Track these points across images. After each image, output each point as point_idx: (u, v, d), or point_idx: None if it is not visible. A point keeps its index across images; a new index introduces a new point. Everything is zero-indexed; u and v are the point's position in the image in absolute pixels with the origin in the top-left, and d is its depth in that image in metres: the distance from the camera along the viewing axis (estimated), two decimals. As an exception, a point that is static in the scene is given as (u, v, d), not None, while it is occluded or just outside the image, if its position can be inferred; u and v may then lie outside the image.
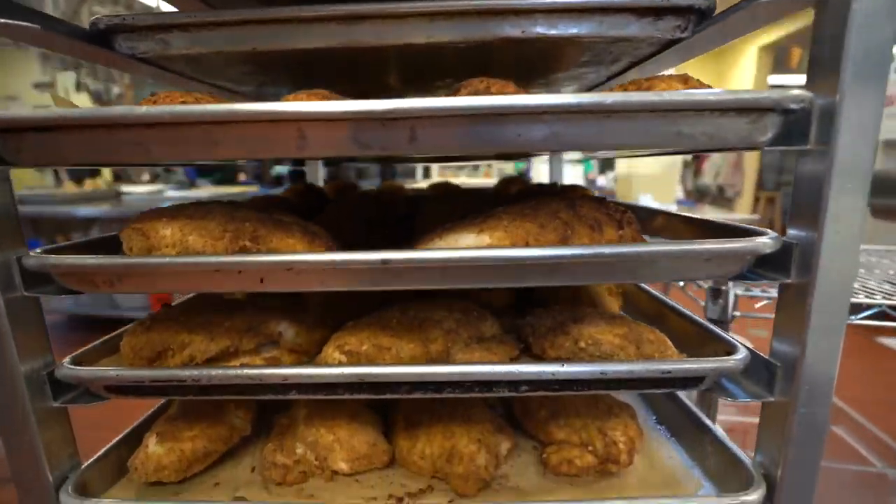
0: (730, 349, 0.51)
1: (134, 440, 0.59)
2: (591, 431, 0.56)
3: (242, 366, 0.51)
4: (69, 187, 3.76)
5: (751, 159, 5.04)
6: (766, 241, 0.44)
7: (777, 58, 5.15)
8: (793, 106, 0.39)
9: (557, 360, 0.52)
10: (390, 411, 0.64)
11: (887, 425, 1.77)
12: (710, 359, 0.47)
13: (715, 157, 5.02)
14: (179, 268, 0.45)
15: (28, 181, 4.30)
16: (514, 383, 0.48)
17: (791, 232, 0.46)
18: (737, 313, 0.91)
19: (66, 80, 4.27)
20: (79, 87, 4.20)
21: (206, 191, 3.57)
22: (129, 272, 0.45)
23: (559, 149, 0.40)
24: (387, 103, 0.38)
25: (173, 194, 3.38)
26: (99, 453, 0.57)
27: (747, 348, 0.50)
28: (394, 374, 0.47)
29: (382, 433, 0.61)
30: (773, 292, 0.93)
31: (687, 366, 0.47)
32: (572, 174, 4.23)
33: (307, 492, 0.55)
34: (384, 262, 0.43)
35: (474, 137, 0.41)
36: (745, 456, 0.53)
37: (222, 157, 0.42)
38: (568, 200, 0.51)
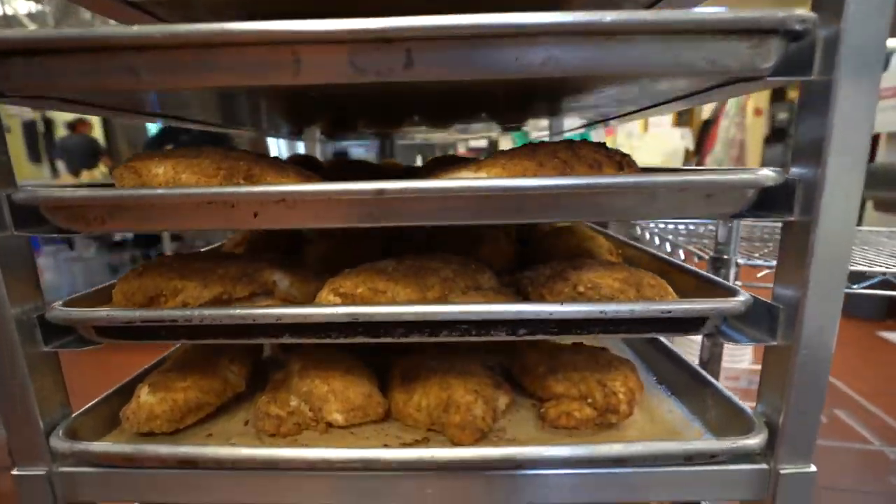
0: (732, 294, 0.50)
1: (126, 393, 0.58)
2: (591, 384, 0.55)
3: (235, 305, 0.50)
4: (65, 178, 3.75)
5: (753, 154, 5.02)
6: (768, 174, 0.43)
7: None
8: (797, 27, 0.38)
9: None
10: (386, 368, 0.64)
11: (888, 409, 1.78)
12: (712, 299, 0.47)
13: (717, 151, 5.01)
14: (171, 199, 0.44)
15: (26, 175, 4.30)
16: (512, 325, 0.47)
17: (794, 170, 0.45)
18: (738, 283, 0.90)
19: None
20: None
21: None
22: (120, 205, 0.45)
23: (557, 73, 0.39)
24: (383, 21, 0.37)
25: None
26: (90, 404, 0.56)
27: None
28: (389, 313, 0.46)
29: (378, 389, 0.60)
30: (774, 261, 0.92)
31: (688, 306, 0.46)
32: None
33: (301, 444, 0.54)
34: (380, 192, 0.42)
35: (471, 62, 0.40)
36: (747, 407, 0.52)
37: (214, 83, 0.41)
38: (567, 143, 0.50)
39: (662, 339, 0.72)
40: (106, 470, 0.51)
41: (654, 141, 5.11)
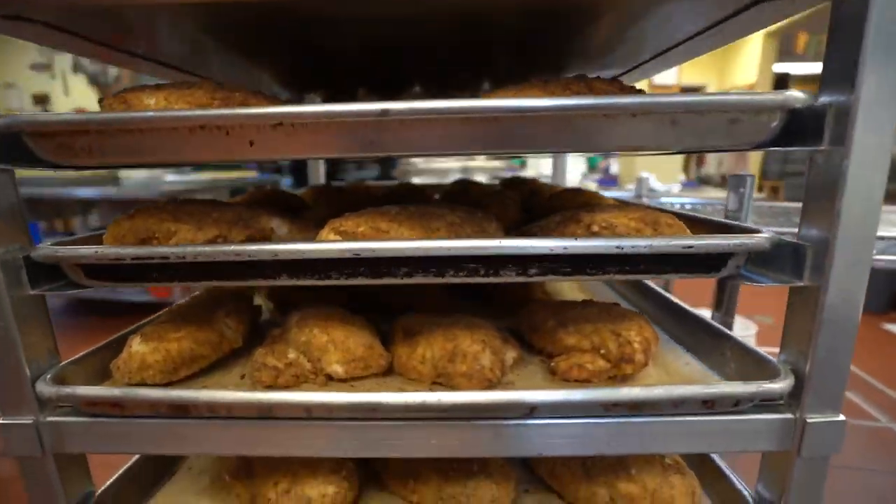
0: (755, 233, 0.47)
1: (117, 348, 0.55)
2: (604, 334, 0.53)
3: (227, 242, 0.47)
4: (68, 171, 3.73)
5: (754, 155, 4.99)
6: (797, 96, 0.40)
7: (782, 44, 5.10)
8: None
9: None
10: (388, 331, 0.61)
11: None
12: (736, 235, 0.44)
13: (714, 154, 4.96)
14: (160, 123, 0.41)
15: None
16: (522, 263, 0.45)
17: (823, 98, 0.43)
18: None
19: (63, 61, 4.23)
20: (76, 68, 4.17)
21: (207, 174, 3.54)
22: (108, 130, 0.42)
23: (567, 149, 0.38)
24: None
25: (172, 178, 3.35)
26: (79, 355, 0.53)
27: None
28: (393, 249, 0.43)
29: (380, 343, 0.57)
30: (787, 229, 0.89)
31: (711, 241, 0.43)
32: (573, 164, 4.20)
33: (300, 396, 0.52)
34: (383, 112, 0.39)
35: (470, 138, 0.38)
36: (770, 356, 0.50)
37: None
38: (580, 76, 0.48)
39: (676, 299, 0.69)
40: (95, 419, 0.48)
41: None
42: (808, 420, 0.46)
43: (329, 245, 0.44)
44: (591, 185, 2.57)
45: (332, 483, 0.55)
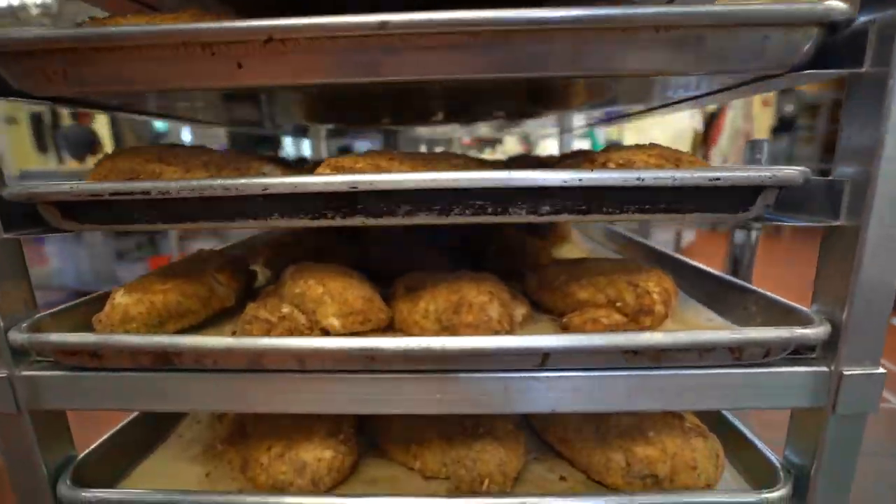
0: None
1: (100, 303, 0.52)
2: (620, 286, 0.49)
3: (213, 177, 0.44)
4: (72, 165, 3.73)
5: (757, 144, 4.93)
6: (838, 4, 0.36)
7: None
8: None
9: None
10: (388, 283, 0.57)
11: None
12: (768, 167, 0.40)
13: (722, 144, 4.92)
14: (138, 39, 0.38)
15: (33, 163, 4.29)
16: (534, 198, 0.41)
17: (863, 16, 0.39)
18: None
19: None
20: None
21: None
22: (82, 48, 0.39)
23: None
24: None
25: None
26: (57, 308, 0.50)
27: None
28: (393, 181, 0.40)
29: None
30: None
31: (740, 173, 0.40)
32: (578, 146, 4.15)
33: (294, 352, 0.48)
34: (382, 24, 0.36)
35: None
36: (801, 306, 0.46)
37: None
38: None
39: (690, 261, 0.66)
40: (72, 373, 0.45)
41: (663, 120, 5.02)
42: (845, 373, 0.42)
43: (324, 178, 0.40)
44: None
45: (329, 447, 0.52)
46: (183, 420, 0.66)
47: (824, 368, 0.43)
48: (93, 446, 0.54)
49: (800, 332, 0.40)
